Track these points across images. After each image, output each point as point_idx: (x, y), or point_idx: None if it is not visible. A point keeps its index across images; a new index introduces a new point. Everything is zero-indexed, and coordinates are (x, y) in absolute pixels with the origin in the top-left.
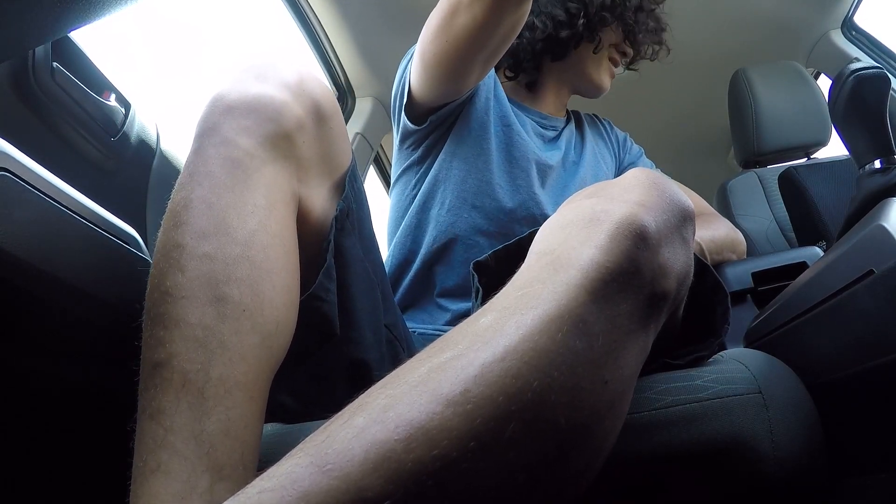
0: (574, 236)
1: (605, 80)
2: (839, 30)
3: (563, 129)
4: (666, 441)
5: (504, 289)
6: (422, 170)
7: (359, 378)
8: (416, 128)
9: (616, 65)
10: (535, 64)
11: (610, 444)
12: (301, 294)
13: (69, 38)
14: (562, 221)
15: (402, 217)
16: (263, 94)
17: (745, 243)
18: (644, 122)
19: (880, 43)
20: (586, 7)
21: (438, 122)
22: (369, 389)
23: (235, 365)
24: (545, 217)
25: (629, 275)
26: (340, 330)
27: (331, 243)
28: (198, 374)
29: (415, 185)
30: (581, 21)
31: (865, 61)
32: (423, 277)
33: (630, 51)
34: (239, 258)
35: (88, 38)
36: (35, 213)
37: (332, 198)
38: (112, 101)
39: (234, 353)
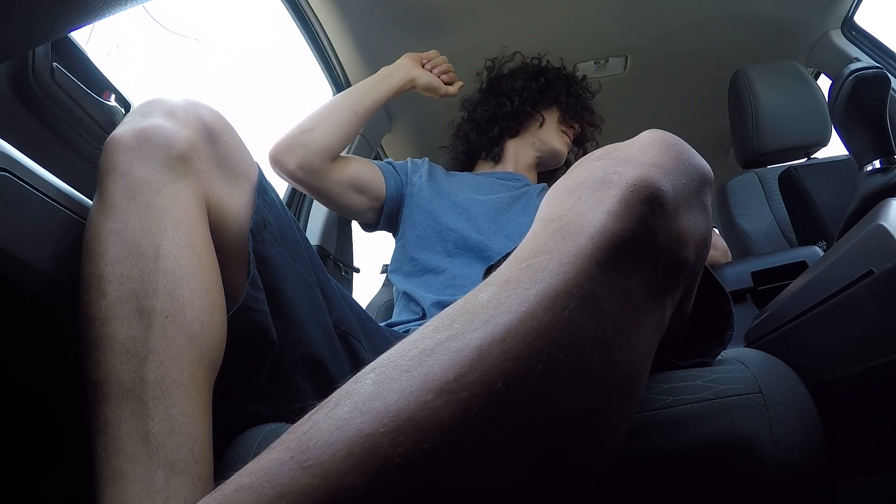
0: (583, 201)
1: (559, 146)
2: (839, 30)
3: (530, 185)
4: (666, 441)
5: (507, 261)
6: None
7: (317, 376)
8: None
9: (569, 137)
10: (494, 142)
11: (622, 432)
12: (234, 308)
13: (69, 38)
14: (570, 185)
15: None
16: (150, 126)
17: (721, 238)
18: (644, 122)
19: (880, 43)
20: (520, 93)
21: (386, 222)
22: (358, 373)
23: (168, 366)
24: (484, 245)
25: (643, 243)
26: (286, 334)
27: (251, 255)
28: (134, 382)
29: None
30: (516, 102)
31: (865, 61)
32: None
33: (576, 125)
34: (153, 272)
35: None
36: (35, 213)
37: (250, 209)
38: (112, 101)
39: (165, 355)
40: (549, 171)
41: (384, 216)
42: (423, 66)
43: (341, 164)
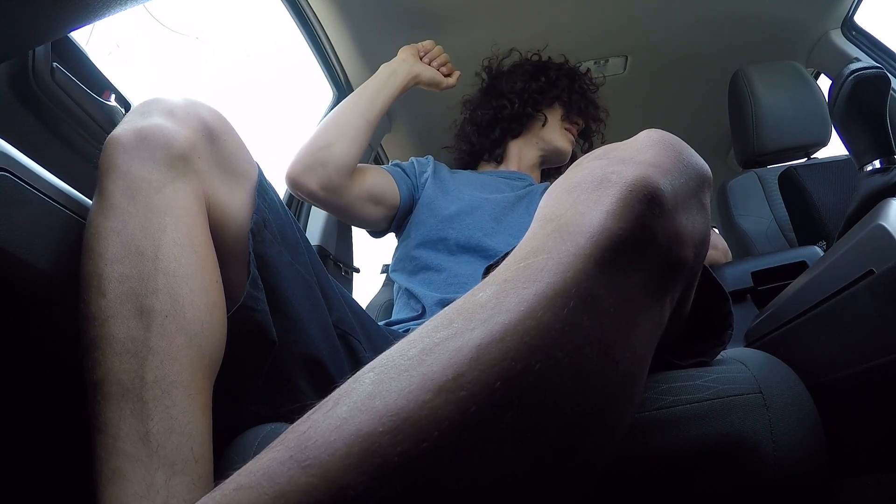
0: (582, 201)
1: (563, 144)
2: (839, 30)
3: (534, 184)
4: (666, 441)
5: (506, 260)
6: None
7: (317, 376)
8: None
9: (573, 134)
10: (496, 144)
11: (621, 432)
12: (234, 308)
13: (69, 38)
14: (569, 184)
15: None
16: (150, 125)
17: (721, 238)
18: (644, 122)
19: (880, 43)
20: (521, 94)
21: (396, 225)
22: (357, 373)
23: (167, 366)
24: (490, 247)
25: (642, 242)
26: (286, 333)
27: (251, 255)
28: (133, 382)
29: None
30: (517, 105)
31: (865, 61)
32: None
33: (580, 121)
34: (153, 272)
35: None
36: (35, 213)
37: (250, 209)
38: (112, 101)
39: (164, 355)
40: (554, 169)
41: (395, 222)
42: (421, 59)
43: (358, 177)
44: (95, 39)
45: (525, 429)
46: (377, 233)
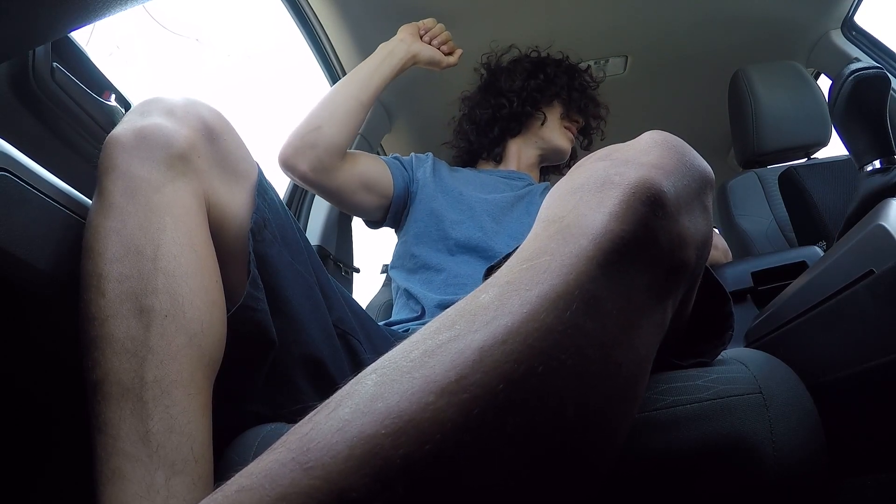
0: (585, 202)
1: (562, 143)
2: (839, 30)
3: (533, 184)
4: (666, 441)
5: (508, 262)
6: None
7: (317, 376)
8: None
9: (572, 132)
10: (495, 143)
11: (623, 434)
12: (234, 307)
13: (69, 38)
14: (572, 186)
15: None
16: (149, 125)
17: (722, 238)
18: (643, 122)
19: (880, 43)
20: (519, 93)
21: (393, 218)
22: (360, 374)
23: (167, 366)
24: (488, 246)
25: (645, 245)
26: (286, 333)
27: (251, 255)
28: (133, 381)
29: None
30: (515, 104)
31: (865, 61)
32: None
33: (580, 119)
34: (153, 271)
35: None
36: (35, 213)
37: (250, 208)
38: (112, 101)
39: (164, 355)
40: (552, 167)
41: (391, 214)
42: (421, 38)
43: (350, 161)
44: (95, 40)
45: (528, 431)
46: (373, 223)
